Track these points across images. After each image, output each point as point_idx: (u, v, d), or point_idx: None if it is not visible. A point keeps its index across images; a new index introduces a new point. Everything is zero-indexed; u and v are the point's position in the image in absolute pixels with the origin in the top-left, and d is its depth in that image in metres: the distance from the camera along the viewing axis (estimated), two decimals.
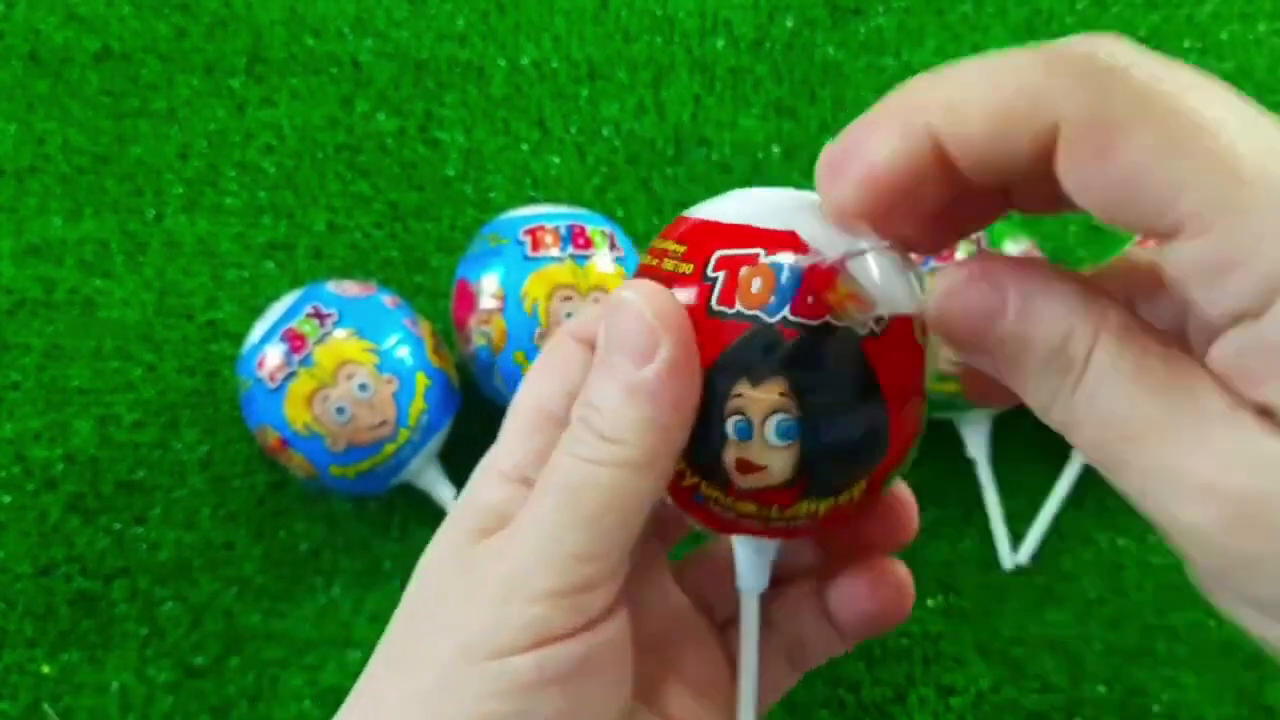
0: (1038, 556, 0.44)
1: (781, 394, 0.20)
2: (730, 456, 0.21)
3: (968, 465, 0.44)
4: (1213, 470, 0.16)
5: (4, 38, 0.52)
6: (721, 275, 0.21)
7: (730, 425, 0.21)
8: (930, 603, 0.44)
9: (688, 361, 0.20)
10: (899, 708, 0.42)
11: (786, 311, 0.20)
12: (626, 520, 0.21)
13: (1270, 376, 0.16)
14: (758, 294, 0.20)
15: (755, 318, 0.20)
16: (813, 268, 0.20)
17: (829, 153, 0.19)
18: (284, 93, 0.51)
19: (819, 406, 0.20)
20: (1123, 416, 0.17)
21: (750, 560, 0.24)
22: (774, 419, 0.20)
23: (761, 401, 0.20)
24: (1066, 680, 0.42)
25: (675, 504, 0.23)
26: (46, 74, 0.51)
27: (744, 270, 0.20)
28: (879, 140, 0.18)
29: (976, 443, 0.44)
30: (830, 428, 0.20)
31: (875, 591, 0.26)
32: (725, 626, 0.28)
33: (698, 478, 0.22)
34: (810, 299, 0.20)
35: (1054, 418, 0.18)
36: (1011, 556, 0.44)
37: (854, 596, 0.26)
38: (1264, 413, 0.16)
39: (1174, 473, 0.16)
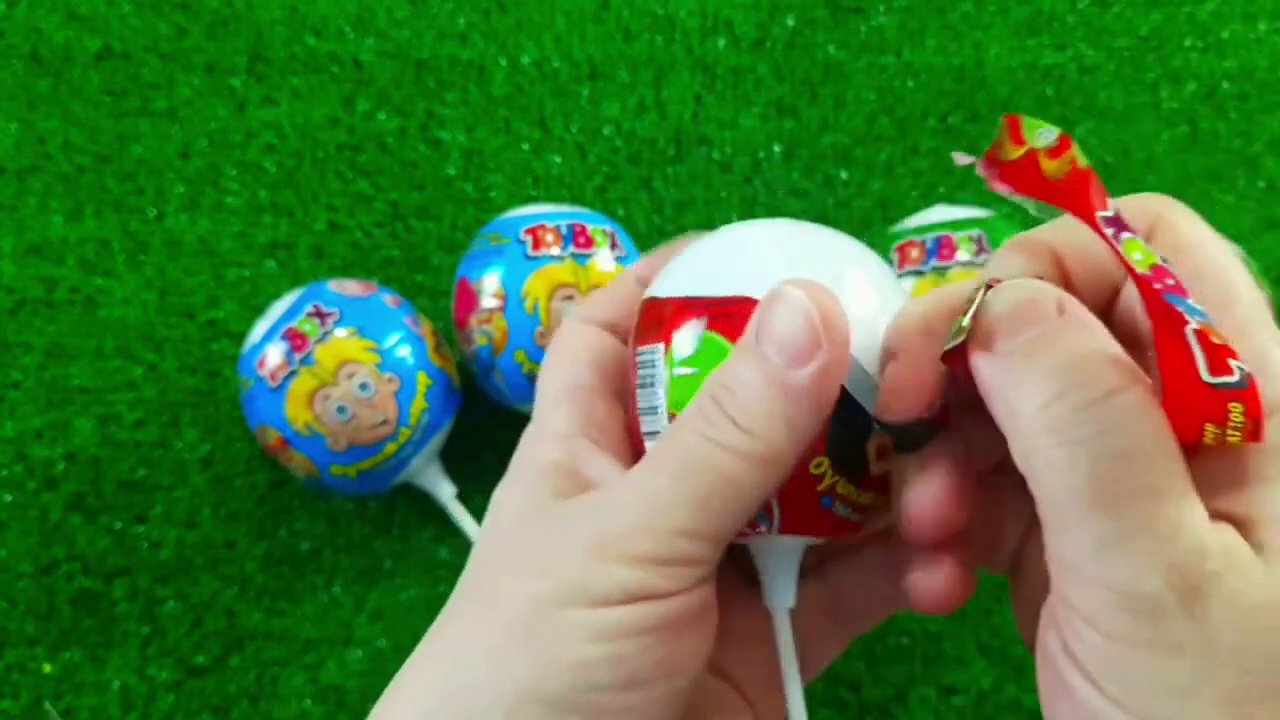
0: None
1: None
2: (873, 444, 0.22)
3: None
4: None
5: (5, 37, 0.52)
6: None
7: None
8: None
9: (840, 374, 0.21)
10: (900, 707, 0.42)
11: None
12: (736, 510, 0.21)
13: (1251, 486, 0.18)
14: None
15: None
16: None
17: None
18: (285, 92, 0.51)
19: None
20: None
21: (780, 572, 0.24)
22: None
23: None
24: None
25: (788, 512, 0.23)
26: (47, 73, 0.51)
27: None
28: None
29: None
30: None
31: (955, 580, 0.24)
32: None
33: (836, 474, 0.22)
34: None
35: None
36: None
37: (931, 578, 0.24)
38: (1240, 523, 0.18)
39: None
